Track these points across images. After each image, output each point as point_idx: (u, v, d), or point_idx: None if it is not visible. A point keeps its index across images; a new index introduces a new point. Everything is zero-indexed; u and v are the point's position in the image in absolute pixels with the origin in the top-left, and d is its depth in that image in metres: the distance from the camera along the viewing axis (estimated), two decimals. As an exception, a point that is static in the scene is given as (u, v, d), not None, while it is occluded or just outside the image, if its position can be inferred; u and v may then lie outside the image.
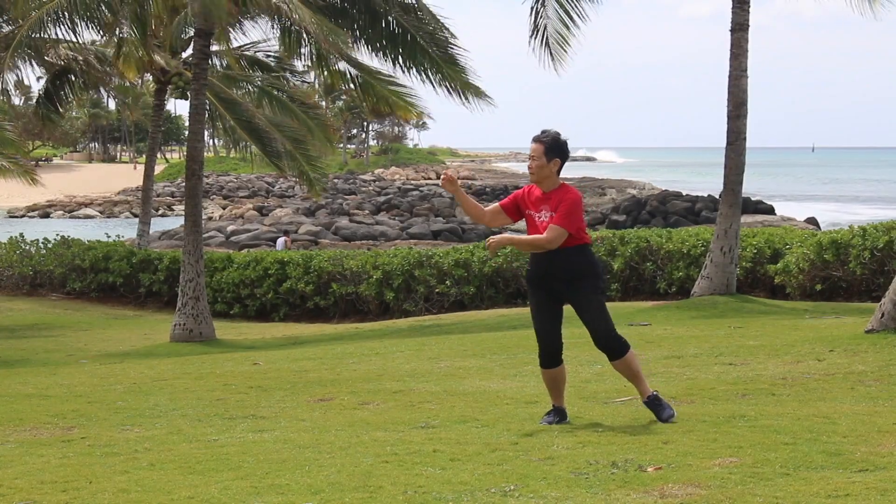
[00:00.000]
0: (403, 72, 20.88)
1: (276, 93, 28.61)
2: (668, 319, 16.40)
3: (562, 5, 20.27)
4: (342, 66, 21.47)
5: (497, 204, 7.58)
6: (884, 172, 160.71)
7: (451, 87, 20.69)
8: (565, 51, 20.48)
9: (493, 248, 7.26)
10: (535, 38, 20.51)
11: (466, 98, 20.68)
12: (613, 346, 7.34)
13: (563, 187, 7.34)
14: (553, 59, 20.55)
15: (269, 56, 29.43)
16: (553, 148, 7.32)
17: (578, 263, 7.30)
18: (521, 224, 7.55)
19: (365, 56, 21.22)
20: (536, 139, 7.35)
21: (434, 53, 20.42)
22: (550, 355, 7.43)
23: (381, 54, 20.92)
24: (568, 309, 7.47)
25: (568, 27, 20.37)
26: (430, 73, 20.65)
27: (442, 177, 7.36)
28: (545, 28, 20.42)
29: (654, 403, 7.36)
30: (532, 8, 20.38)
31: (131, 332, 21.46)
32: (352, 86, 21.97)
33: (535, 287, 7.40)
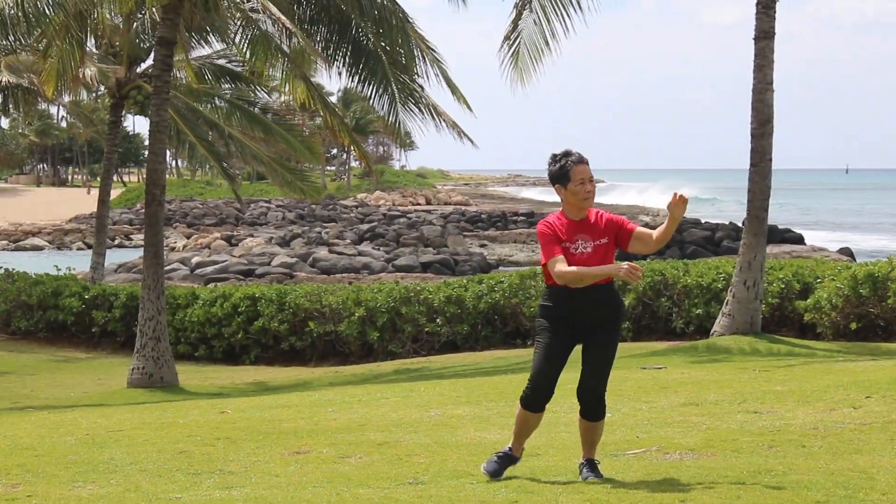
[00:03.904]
0: (370, 91, 21.16)
1: (247, 107, 28.76)
2: (685, 362, 16.41)
3: (546, 14, 20.33)
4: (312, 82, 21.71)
5: (560, 257, 7.37)
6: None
7: (417, 108, 20.99)
8: (536, 67, 20.56)
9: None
10: (507, 45, 20.66)
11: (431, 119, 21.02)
12: (602, 404, 7.49)
13: (592, 210, 7.48)
14: (515, 69, 20.62)
15: (238, 67, 29.62)
16: None
17: (614, 299, 7.50)
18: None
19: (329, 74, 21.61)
20: (584, 160, 7.43)
21: (399, 75, 20.73)
22: (544, 399, 7.51)
23: (348, 70, 21.16)
24: None
25: (547, 42, 20.43)
26: (393, 94, 20.92)
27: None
28: (520, 36, 20.50)
29: (591, 466, 7.48)
30: (515, 6, 20.49)
31: (84, 376, 21.41)
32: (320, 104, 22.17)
33: (559, 324, 7.41)
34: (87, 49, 23.83)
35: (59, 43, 20.17)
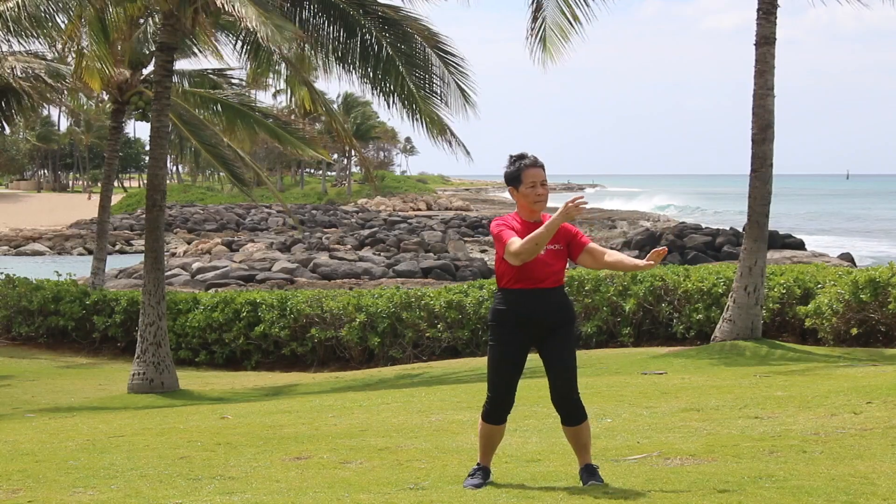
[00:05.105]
0: (378, 98, 21.17)
1: (250, 112, 28.77)
2: (685, 367, 16.41)
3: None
4: (316, 86, 21.72)
5: (516, 237, 7.29)
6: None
7: (424, 122, 20.98)
8: (565, 43, 20.69)
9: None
10: (533, 33, 20.75)
11: (435, 135, 20.98)
12: (580, 406, 7.44)
13: (546, 215, 7.48)
14: (545, 51, 20.72)
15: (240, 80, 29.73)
16: None
17: (567, 301, 7.51)
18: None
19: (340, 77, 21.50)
20: (538, 164, 7.45)
21: (410, 84, 20.68)
22: (505, 409, 7.53)
23: (355, 75, 21.16)
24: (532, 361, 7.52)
25: (570, 21, 20.59)
26: (404, 104, 20.90)
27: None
28: (543, 20, 20.63)
29: (591, 471, 7.41)
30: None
31: (84, 382, 21.40)
32: (322, 109, 22.15)
33: (515, 330, 7.39)
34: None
35: (88, 41, 20.32)
